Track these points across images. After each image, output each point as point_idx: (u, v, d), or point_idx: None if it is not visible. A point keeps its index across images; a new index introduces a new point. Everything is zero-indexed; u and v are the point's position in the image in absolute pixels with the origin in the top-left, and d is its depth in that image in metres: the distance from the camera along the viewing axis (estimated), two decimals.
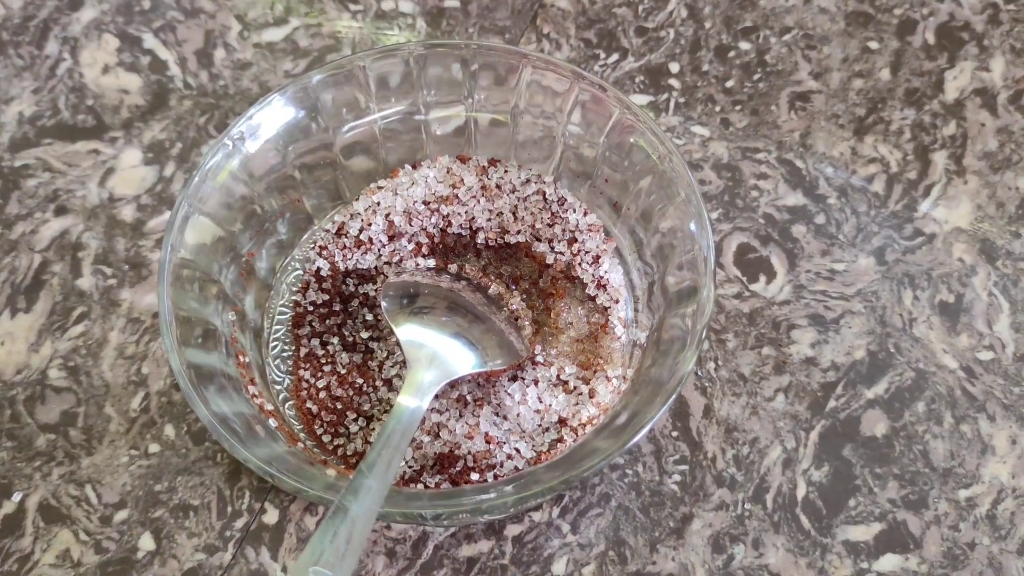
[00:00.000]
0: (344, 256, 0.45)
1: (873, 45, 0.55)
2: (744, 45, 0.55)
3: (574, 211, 0.45)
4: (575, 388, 0.42)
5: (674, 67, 0.54)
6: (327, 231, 0.46)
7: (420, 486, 0.40)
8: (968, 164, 0.51)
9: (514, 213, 0.45)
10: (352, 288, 0.45)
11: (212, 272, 0.42)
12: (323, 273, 0.45)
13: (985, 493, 0.43)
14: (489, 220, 0.45)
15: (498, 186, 0.46)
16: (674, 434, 0.44)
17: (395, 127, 0.46)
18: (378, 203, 0.46)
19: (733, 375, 0.45)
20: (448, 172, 0.46)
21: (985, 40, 0.55)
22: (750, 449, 0.44)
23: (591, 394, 0.42)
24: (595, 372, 0.43)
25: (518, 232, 0.45)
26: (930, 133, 0.52)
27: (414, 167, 0.47)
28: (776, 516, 0.42)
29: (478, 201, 0.45)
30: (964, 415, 0.45)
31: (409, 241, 0.45)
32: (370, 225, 0.45)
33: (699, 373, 0.45)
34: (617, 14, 0.56)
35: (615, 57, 0.54)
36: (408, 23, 0.56)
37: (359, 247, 0.45)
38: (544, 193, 0.45)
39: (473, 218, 0.45)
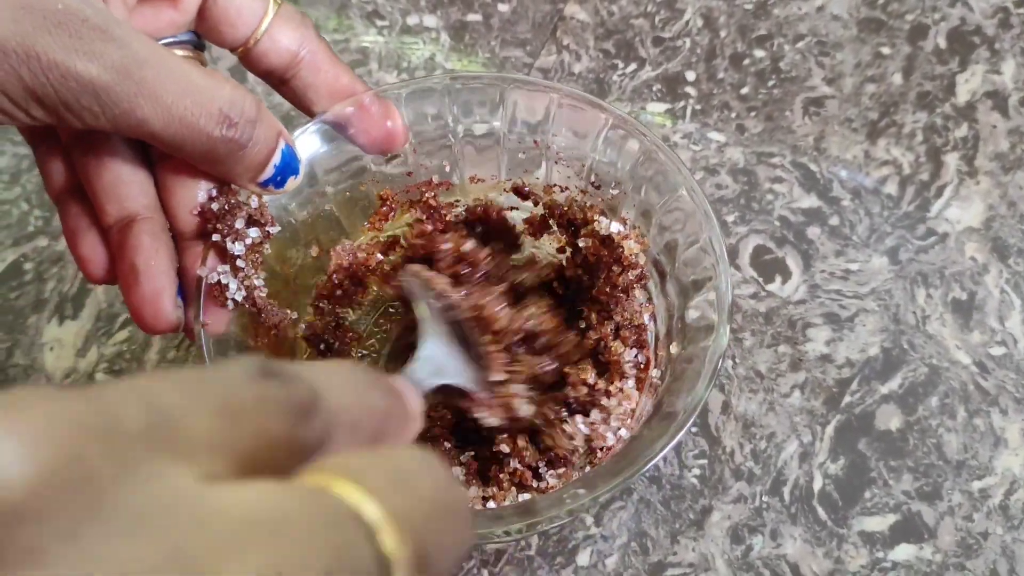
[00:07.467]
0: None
1: (885, 50, 0.56)
2: (759, 53, 0.56)
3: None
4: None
5: (690, 75, 0.56)
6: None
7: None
8: (980, 165, 0.52)
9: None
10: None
11: None
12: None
13: (998, 484, 0.44)
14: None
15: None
16: (693, 429, 0.45)
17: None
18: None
19: (750, 372, 0.47)
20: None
21: (996, 44, 0.56)
22: (767, 444, 0.45)
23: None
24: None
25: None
26: (942, 135, 0.53)
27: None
28: (793, 508, 0.44)
29: None
30: (977, 409, 0.46)
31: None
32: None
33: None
34: (635, 25, 0.58)
35: (633, 67, 0.56)
36: (432, 37, 0.58)
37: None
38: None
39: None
